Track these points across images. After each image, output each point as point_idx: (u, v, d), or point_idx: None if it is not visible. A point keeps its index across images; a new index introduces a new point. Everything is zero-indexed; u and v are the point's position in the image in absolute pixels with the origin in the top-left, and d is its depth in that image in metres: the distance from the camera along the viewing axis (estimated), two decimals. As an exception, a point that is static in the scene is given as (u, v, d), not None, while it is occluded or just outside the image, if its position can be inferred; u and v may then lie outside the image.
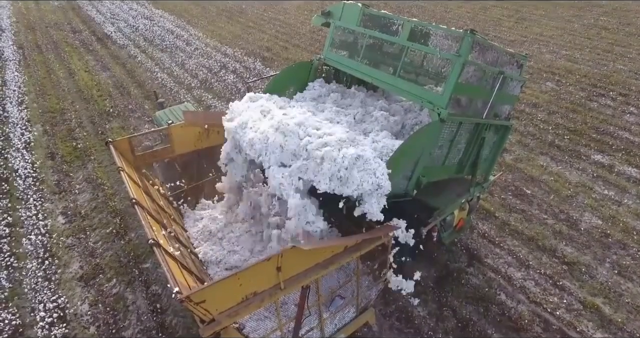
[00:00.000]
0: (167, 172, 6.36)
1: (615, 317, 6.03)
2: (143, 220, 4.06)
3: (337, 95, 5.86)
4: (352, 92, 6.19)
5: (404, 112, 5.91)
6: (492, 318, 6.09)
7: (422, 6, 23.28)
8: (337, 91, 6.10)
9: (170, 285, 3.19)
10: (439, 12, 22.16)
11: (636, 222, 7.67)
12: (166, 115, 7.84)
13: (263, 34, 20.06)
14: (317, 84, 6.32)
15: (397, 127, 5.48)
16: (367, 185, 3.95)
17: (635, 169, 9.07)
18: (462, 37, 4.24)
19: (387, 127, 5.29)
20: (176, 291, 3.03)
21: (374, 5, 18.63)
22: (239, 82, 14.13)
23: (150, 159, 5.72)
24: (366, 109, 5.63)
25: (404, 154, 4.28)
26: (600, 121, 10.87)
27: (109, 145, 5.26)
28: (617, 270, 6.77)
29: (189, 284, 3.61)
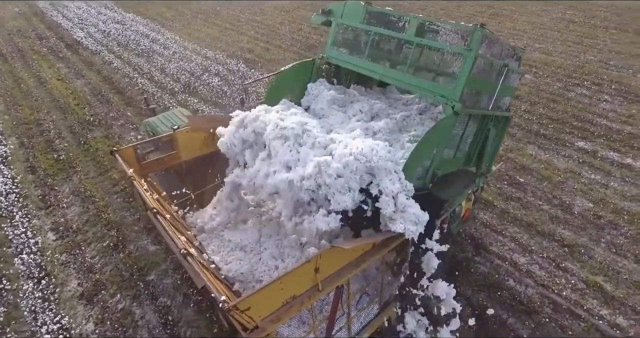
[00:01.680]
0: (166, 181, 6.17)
1: (617, 293, 6.35)
2: (167, 230, 3.91)
3: (360, 105, 5.84)
4: (353, 94, 6.21)
5: (403, 106, 6.00)
6: (505, 304, 6.27)
7: (399, 4, 23.65)
8: (340, 93, 6.11)
9: (215, 295, 3.09)
10: (415, 10, 22.58)
11: (624, 203, 8.10)
12: (160, 121, 7.60)
13: (242, 35, 19.81)
14: (317, 85, 6.30)
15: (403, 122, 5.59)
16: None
17: (616, 153, 9.57)
18: (472, 32, 4.34)
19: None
20: (223, 300, 2.95)
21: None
22: (225, 85, 13.89)
23: (156, 167, 5.53)
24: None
25: (422, 150, 4.35)
26: (579, 110, 11.41)
27: (115, 154, 5.03)
28: (613, 249, 7.13)
29: (225, 292, 3.51)
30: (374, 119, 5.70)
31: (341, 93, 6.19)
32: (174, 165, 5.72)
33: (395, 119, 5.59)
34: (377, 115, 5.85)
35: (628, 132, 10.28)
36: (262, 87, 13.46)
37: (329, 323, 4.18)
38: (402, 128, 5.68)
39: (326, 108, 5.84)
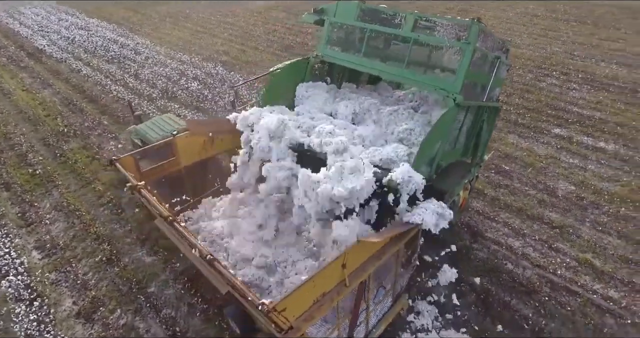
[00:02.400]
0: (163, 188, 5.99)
1: (606, 268, 6.75)
2: (187, 237, 3.81)
3: (348, 109, 5.91)
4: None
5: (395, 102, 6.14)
6: (506, 286, 6.53)
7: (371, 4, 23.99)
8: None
9: (252, 299, 3.05)
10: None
11: (602, 184, 8.61)
12: (150, 128, 7.36)
13: (215, 38, 19.47)
14: (305, 88, 6.31)
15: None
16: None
17: (590, 138, 10.16)
18: (470, 26, 4.51)
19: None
20: (261, 302, 2.92)
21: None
22: (205, 89, 13.62)
23: (156, 174, 5.36)
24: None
25: (430, 144, 4.48)
26: (551, 98, 12.01)
27: (115, 163, 4.84)
28: (597, 228, 7.58)
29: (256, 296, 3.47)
30: (361, 123, 5.75)
31: (330, 95, 6.22)
32: (174, 172, 5.57)
33: (381, 124, 5.66)
34: (367, 111, 5.90)
35: (598, 118, 10.92)
36: (250, 88, 13.30)
37: (352, 320, 4.21)
38: (391, 122, 5.76)
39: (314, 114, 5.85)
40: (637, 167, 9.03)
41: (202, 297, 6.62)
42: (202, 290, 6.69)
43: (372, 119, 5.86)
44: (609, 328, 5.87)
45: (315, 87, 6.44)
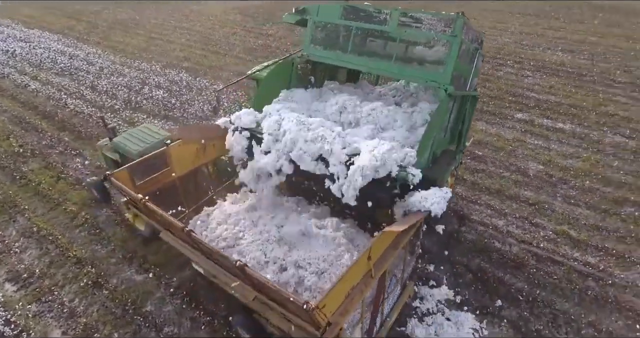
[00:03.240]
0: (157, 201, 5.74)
1: (581, 237, 7.37)
2: (208, 247, 3.69)
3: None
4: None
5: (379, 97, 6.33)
6: (498, 263, 6.93)
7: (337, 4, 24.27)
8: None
9: (295, 299, 3.04)
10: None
11: (566, 161, 9.36)
12: (128, 140, 7.01)
13: (173, 44, 18.82)
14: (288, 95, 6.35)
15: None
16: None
17: (549, 120, 10.99)
18: (455, 19, 4.75)
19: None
20: (305, 302, 2.92)
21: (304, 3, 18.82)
22: (171, 97, 13.13)
23: (151, 187, 5.12)
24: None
25: (430, 135, 4.68)
26: (510, 86, 12.84)
27: (109, 178, 4.58)
28: (568, 201, 8.24)
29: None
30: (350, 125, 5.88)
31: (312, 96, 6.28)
32: (168, 183, 5.36)
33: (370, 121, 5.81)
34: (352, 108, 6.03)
35: (553, 101, 11.84)
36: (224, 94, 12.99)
37: (374, 310, 4.30)
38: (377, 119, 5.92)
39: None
40: (593, 143, 9.91)
41: (205, 309, 6.43)
42: (203, 302, 6.49)
43: (357, 116, 5.97)
44: (592, 291, 6.42)
45: (295, 91, 6.45)
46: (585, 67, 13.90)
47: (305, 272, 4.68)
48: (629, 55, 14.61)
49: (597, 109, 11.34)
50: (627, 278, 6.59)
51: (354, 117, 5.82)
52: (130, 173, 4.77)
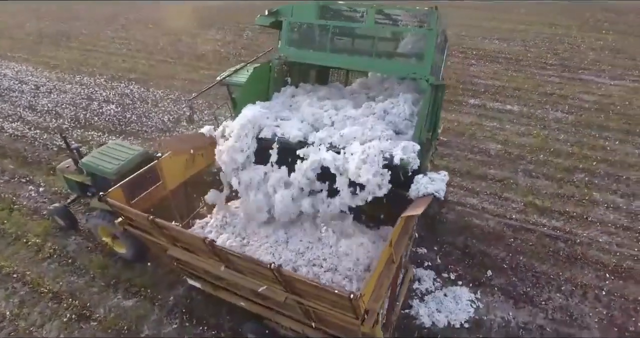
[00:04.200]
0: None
1: (545, 205, 8.16)
2: (236, 256, 3.62)
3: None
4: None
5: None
6: (479, 238, 7.47)
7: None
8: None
9: (340, 291, 3.10)
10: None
11: (520, 139, 10.28)
12: (100, 159, 6.54)
13: (113, 55, 17.71)
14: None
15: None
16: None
17: (498, 103, 11.97)
18: (429, 14, 5.06)
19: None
20: (351, 292, 3.00)
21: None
22: (125, 111, 12.38)
23: (146, 203, 4.85)
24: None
25: (419, 126, 4.96)
26: (459, 75, 13.76)
27: (104, 199, 4.28)
28: (528, 175, 9.07)
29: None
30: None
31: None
32: (162, 198, 5.12)
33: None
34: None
35: (498, 86, 12.90)
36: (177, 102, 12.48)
37: (392, 293, 4.48)
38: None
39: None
40: (540, 121, 10.98)
41: (208, 324, 6.24)
42: (205, 317, 6.29)
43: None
44: (563, 251, 7.16)
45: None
46: (520, 53, 15.29)
47: (320, 270, 4.75)
48: (554, 40, 16.32)
49: (537, 90, 12.56)
50: (590, 235, 7.43)
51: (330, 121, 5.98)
52: (124, 191, 4.49)
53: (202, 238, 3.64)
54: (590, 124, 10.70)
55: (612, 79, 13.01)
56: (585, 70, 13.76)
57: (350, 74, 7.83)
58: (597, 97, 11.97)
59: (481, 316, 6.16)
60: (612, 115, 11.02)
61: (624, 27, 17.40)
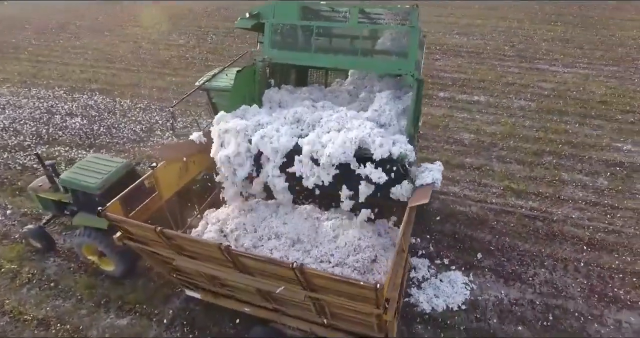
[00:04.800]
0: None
1: (520, 188, 8.68)
2: (257, 257, 3.60)
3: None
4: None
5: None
6: (465, 223, 7.83)
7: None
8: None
9: (365, 283, 3.18)
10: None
11: (490, 127, 10.84)
12: (80, 174, 6.22)
13: (69, 65, 16.78)
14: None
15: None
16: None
17: (466, 95, 12.53)
18: (411, 11, 5.26)
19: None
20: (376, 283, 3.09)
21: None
22: (92, 123, 11.78)
23: (143, 215, 4.68)
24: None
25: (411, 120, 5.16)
26: (425, 69, 14.09)
27: (103, 214, 4.10)
28: (502, 160, 9.60)
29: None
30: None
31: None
32: (158, 209, 4.97)
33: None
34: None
35: (464, 78, 13.50)
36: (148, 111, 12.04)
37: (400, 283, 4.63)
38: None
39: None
40: (506, 110, 11.62)
41: (210, 332, 6.13)
42: (209, 326, 6.18)
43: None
44: (541, 229, 7.66)
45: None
46: (480, 46, 16.06)
47: (328, 265, 4.81)
48: (509, 33, 17.28)
49: (500, 81, 13.27)
50: (563, 213, 8.00)
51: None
52: (122, 204, 4.31)
53: (217, 244, 3.59)
54: (551, 109, 11.47)
55: (565, 67, 14.00)
56: (540, 60, 14.70)
57: (329, 74, 7.93)
58: (554, 85, 12.84)
59: (476, 297, 6.48)
60: (569, 100, 11.87)
61: (570, 18, 18.74)
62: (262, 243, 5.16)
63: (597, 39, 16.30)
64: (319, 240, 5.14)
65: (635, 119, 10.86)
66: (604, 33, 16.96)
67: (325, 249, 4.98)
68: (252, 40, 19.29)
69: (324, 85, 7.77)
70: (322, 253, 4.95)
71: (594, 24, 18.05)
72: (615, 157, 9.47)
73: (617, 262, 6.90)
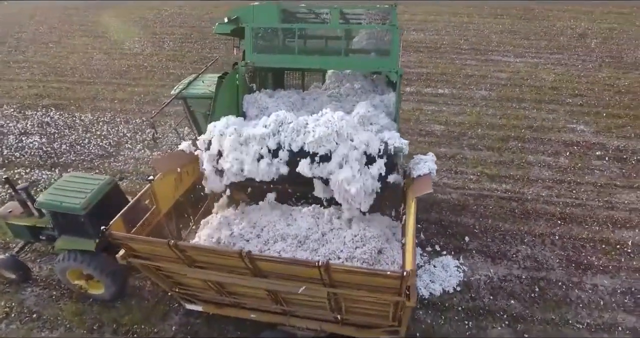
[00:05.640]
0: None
1: (493, 172, 9.25)
2: (278, 259, 3.60)
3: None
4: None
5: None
6: (448, 210, 8.24)
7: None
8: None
9: (392, 272, 3.30)
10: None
11: (457, 118, 11.41)
12: (60, 195, 5.83)
13: (14, 81, 15.56)
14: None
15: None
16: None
17: (431, 88, 13.11)
18: (391, 11, 5.47)
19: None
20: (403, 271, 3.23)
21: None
22: (52, 141, 11.04)
23: (144, 230, 4.50)
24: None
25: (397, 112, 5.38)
26: (390, 66, 14.71)
27: (108, 233, 3.90)
28: (473, 148, 10.16)
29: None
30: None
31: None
32: (156, 223, 4.80)
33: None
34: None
35: (426, 72, 14.10)
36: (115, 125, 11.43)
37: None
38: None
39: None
40: (469, 100, 12.29)
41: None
42: (214, 336, 6.06)
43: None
44: (517, 209, 8.22)
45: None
46: (437, 41, 16.81)
47: (338, 261, 4.90)
48: (462, 27, 18.22)
49: (459, 73, 13.99)
50: (534, 192, 8.63)
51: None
52: (125, 222, 4.12)
53: (239, 251, 3.55)
54: (509, 97, 12.28)
55: (516, 57, 15.03)
56: (493, 51, 15.67)
57: (305, 75, 8.00)
58: (509, 74, 13.76)
59: (469, 278, 6.86)
60: (524, 88, 12.77)
61: (514, 11, 20.08)
62: (269, 247, 5.15)
63: (540, 30, 17.63)
64: (325, 238, 5.23)
65: (583, 101, 11.91)
66: (545, 24, 18.37)
67: (333, 247, 5.08)
68: (212, 45, 18.95)
69: (302, 88, 7.85)
70: (330, 251, 5.04)
71: (536, 15, 19.48)
72: (571, 137, 10.34)
73: (586, 232, 7.57)
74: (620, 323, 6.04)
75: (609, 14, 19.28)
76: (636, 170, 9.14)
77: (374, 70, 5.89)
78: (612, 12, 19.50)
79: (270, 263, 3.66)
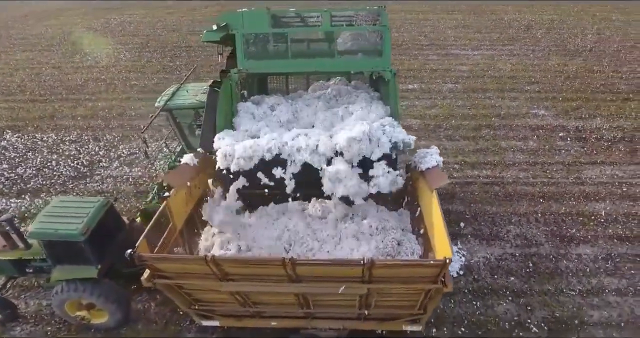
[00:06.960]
0: None
1: (473, 160, 9.81)
2: (324, 261, 3.64)
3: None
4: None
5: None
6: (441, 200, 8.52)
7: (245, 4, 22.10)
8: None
9: (434, 260, 3.45)
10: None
11: (430, 111, 11.94)
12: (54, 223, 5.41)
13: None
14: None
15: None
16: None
17: (401, 84, 13.53)
18: (381, 12, 5.65)
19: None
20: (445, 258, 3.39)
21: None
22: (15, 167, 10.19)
23: (165, 249, 4.31)
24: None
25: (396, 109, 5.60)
26: (358, 65, 15.03)
27: (136, 256, 3.71)
28: (450, 139, 10.69)
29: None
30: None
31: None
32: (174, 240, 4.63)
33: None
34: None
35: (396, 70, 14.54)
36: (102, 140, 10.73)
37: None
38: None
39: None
40: (438, 94, 12.88)
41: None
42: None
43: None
44: (499, 192, 8.79)
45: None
46: (396, 39, 17.37)
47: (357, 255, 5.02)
48: (419, 24, 19.01)
49: (424, 68, 14.62)
50: (512, 175, 9.26)
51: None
52: (148, 243, 3.92)
53: (282, 258, 3.53)
54: (474, 88, 13.03)
55: (473, 50, 15.95)
56: (451, 46, 16.52)
57: (289, 80, 7.99)
58: (470, 67, 14.58)
59: (469, 261, 7.25)
60: (486, 79, 13.61)
61: (464, 6, 21.29)
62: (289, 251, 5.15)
63: (490, 23, 18.83)
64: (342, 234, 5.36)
65: (539, 88, 12.91)
66: (493, 18, 19.64)
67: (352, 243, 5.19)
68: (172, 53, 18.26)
69: (286, 92, 7.84)
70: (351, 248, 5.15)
71: (484, 10, 20.78)
72: (535, 122, 11.19)
73: (564, 208, 8.26)
74: (607, 286, 6.67)
75: (548, 6, 20.99)
76: (595, 147, 10.08)
77: (368, 70, 6.02)
78: (551, 4, 21.25)
79: (312, 266, 3.69)
